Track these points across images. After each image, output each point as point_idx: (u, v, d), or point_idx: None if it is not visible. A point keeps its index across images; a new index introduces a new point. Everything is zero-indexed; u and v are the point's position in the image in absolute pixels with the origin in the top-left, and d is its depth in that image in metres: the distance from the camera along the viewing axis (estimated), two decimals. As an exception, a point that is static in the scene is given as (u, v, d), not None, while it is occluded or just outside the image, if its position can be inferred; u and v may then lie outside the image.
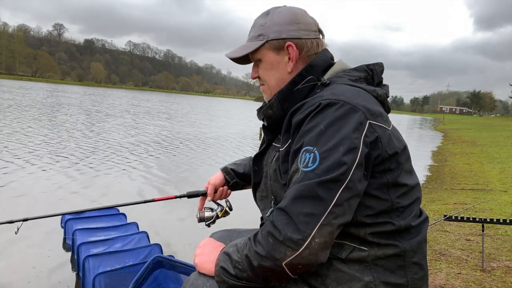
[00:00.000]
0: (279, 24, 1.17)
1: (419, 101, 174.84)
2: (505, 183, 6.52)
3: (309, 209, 0.89)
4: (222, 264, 1.01)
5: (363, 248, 1.00)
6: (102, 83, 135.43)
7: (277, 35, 1.17)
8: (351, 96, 1.00)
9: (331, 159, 0.91)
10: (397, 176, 1.02)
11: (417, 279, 1.03)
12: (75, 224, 3.12)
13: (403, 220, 1.02)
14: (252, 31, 1.22)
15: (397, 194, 1.02)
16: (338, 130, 0.94)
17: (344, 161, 0.91)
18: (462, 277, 2.60)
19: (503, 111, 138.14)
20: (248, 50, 1.20)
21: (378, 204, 0.99)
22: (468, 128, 29.52)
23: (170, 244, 3.44)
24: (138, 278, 1.95)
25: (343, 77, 1.13)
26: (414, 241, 1.03)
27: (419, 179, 1.26)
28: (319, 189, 0.90)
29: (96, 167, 6.34)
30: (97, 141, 9.25)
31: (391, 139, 1.01)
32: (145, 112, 22.55)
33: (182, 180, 6.11)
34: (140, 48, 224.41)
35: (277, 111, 1.14)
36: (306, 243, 0.88)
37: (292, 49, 1.16)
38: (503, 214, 4.23)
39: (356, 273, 0.99)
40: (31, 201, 4.34)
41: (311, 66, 1.15)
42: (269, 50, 1.19)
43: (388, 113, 1.16)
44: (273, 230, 0.91)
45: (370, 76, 1.16)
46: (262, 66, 1.21)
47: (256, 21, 1.22)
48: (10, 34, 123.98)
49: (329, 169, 0.91)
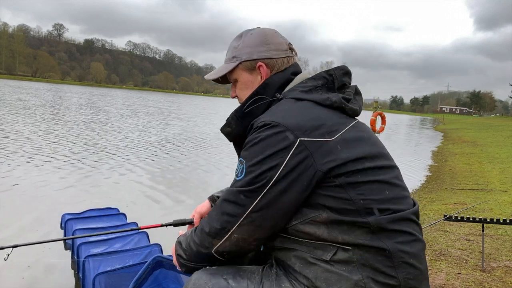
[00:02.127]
0: (250, 46, 1.28)
1: (419, 101, 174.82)
2: (505, 183, 6.52)
3: (231, 210, 1.07)
4: (178, 252, 1.26)
5: (347, 248, 1.02)
6: (102, 83, 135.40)
7: (248, 56, 1.27)
8: (284, 116, 1.08)
9: (254, 174, 1.05)
10: (355, 178, 1.03)
11: (411, 279, 1.02)
12: (75, 224, 3.12)
13: (378, 217, 1.02)
14: (228, 53, 1.33)
15: (361, 192, 1.02)
16: (265, 149, 1.04)
17: (263, 176, 1.03)
18: (462, 277, 2.60)
19: (503, 111, 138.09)
20: (224, 71, 1.31)
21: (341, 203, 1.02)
22: (468, 128, 29.52)
23: (170, 244, 3.43)
24: (138, 278, 1.95)
25: (295, 89, 1.20)
26: (401, 240, 1.03)
27: (419, 179, 1.26)
28: (240, 196, 1.06)
29: (130, 168, 6.35)
30: (125, 140, 9.26)
31: (333, 150, 1.04)
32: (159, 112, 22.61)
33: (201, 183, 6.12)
34: (140, 48, 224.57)
35: (237, 128, 1.26)
36: (226, 236, 1.09)
37: (262, 68, 1.27)
38: (503, 214, 4.23)
39: (344, 273, 1.01)
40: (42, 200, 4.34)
41: (266, 84, 1.25)
42: (243, 71, 1.29)
43: (355, 115, 1.20)
44: (205, 224, 1.14)
45: (331, 82, 1.20)
46: (238, 85, 1.32)
47: (230, 44, 1.33)
48: (10, 34, 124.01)
49: (251, 181, 1.05)
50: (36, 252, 3.03)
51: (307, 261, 1.05)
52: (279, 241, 1.12)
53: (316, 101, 1.14)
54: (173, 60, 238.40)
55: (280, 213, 1.05)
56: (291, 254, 1.09)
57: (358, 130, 1.13)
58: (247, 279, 1.10)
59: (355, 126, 1.14)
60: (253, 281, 1.09)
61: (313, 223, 1.04)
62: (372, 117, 10.89)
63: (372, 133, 1.20)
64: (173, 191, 5.30)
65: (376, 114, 10.92)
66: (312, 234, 1.05)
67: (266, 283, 1.08)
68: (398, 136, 21.90)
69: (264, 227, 1.07)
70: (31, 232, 3.45)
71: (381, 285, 1.00)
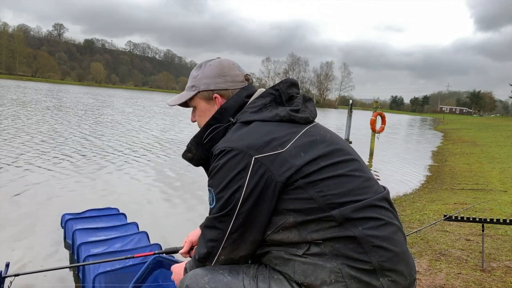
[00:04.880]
0: (208, 77, 1.36)
1: (419, 101, 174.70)
2: (505, 183, 6.53)
3: (213, 236, 1.17)
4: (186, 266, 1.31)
5: (318, 242, 1.08)
6: (102, 83, 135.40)
7: (206, 87, 1.36)
8: (236, 140, 1.17)
9: (222, 200, 1.14)
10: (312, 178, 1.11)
11: (385, 261, 1.07)
12: (75, 224, 3.12)
13: (341, 209, 1.08)
14: (188, 81, 1.42)
15: (321, 189, 1.10)
16: (226, 174, 1.13)
17: (231, 200, 1.12)
18: (462, 277, 2.60)
19: (503, 111, 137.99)
20: (182, 99, 1.41)
21: (304, 204, 1.10)
22: (468, 128, 29.51)
23: (170, 244, 3.43)
24: (138, 278, 1.96)
25: (246, 111, 1.28)
26: (367, 226, 1.09)
27: (419, 179, 1.28)
28: (216, 222, 1.16)
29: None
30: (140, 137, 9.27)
31: (288, 159, 1.11)
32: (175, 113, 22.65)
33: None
34: (140, 48, 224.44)
35: (197, 153, 1.34)
36: (215, 259, 1.19)
37: (217, 100, 1.35)
38: (503, 214, 4.23)
39: (319, 262, 1.07)
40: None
41: (224, 109, 1.32)
42: (201, 99, 1.38)
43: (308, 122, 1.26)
44: (196, 252, 1.24)
45: (278, 97, 1.29)
46: (197, 112, 1.42)
47: (191, 73, 1.42)
48: (10, 34, 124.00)
49: (222, 207, 1.14)
50: (36, 251, 3.03)
51: (284, 258, 1.13)
52: (259, 249, 1.21)
53: (265, 120, 1.22)
54: (173, 60, 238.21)
55: (256, 227, 1.14)
56: (270, 256, 1.17)
57: (310, 135, 1.20)
58: (242, 273, 1.17)
59: (307, 131, 1.22)
60: (248, 274, 1.16)
61: (284, 229, 1.12)
62: (372, 117, 10.89)
63: (327, 134, 1.26)
64: (174, 191, 5.30)
65: (376, 114, 10.92)
66: (285, 240, 1.13)
67: (260, 277, 1.15)
68: (398, 136, 21.89)
69: (246, 243, 1.16)
70: (31, 232, 3.45)
71: (356, 270, 1.05)
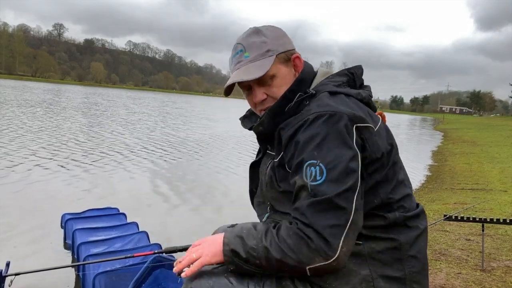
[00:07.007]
0: (278, 38, 1.17)
1: (419, 101, 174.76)
2: (505, 183, 6.52)
3: (333, 221, 0.93)
4: (233, 247, 1.02)
5: (358, 242, 1.03)
6: (102, 83, 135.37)
7: (283, 48, 1.17)
8: (335, 105, 1.03)
9: (338, 168, 0.95)
10: (385, 173, 1.06)
11: (415, 272, 1.06)
12: (75, 224, 3.12)
13: (395, 214, 1.06)
14: (252, 50, 1.15)
15: (387, 190, 1.06)
16: (334, 140, 0.97)
17: (352, 168, 0.95)
18: (462, 277, 2.60)
19: (503, 111, 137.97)
20: (265, 68, 1.12)
21: (369, 199, 1.04)
22: (468, 128, 29.50)
23: (170, 244, 3.43)
24: (138, 278, 1.96)
25: (328, 84, 1.16)
26: (410, 234, 1.07)
27: (419, 179, 1.28)
28: (339, 200, 0.93)
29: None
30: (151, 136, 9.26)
31: (378, 139, 1.05)
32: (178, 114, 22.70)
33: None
34: (140, 48, 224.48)
35: (268, 127, 1.15)
36: (336, 254, 0.92)
37: (298, 60, 1.19)
38: (503, 214, 4.23)
39: (353, 267, 1.03)
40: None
41: (300, 81, 1.17)
42: (280, 64, 1.16)
43: (374, 112, 1.20)
44: (305, 236, 0.94)
45: (352, 80, 1.20)
46: (276, 82, 1.15)
47: (250, 41, 1.16)
48: (10, 34, 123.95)
49: (339, 178, 0.94)
50: (36, 251, 3.03)
51: None
52: None
53: (350, 94, 1.12)
54: (173, 60, 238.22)
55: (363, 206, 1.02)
56: None
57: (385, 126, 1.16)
58: (248, 277, 1.06)
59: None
60: (253, 279, 1.06)
61: None
62: (372, 117, 10.88)
63: None
64: (174, 191, 5.30)
65: (376, 114, 10.92)
66: None
67: (267, 282, 1.05)
68: (398, 136, 21.89)
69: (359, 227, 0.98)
70: (32, 231, 3.45)
71: (387, 279, 1.03)
